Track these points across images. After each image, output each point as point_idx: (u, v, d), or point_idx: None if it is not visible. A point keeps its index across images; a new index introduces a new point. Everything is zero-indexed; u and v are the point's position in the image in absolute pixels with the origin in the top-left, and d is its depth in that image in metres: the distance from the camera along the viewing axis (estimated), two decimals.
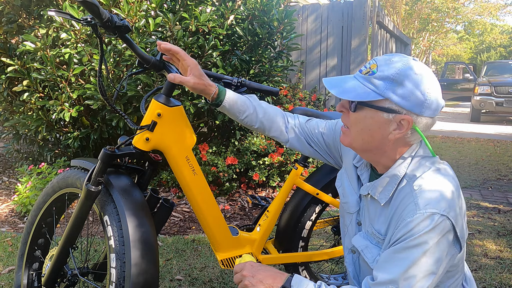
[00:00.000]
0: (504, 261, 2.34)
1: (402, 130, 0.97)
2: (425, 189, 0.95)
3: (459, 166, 5.04)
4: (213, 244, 1.52)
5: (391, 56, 0.98)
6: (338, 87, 1.00)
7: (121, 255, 1.16)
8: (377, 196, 1.04)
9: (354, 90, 0.97)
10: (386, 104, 0.95)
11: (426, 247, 0.90)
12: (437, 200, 0.92)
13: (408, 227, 0.92)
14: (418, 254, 0.91)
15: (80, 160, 1.41)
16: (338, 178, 1.27)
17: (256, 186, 3.61)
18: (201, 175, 1.39)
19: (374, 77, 0.96)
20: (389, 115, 0.95)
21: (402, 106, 0.94)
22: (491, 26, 29.61)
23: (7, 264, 2.22)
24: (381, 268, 0.95)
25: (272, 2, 3.27)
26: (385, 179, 1.03)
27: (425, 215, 0.91)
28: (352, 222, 1.17)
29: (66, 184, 1.43)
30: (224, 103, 1.24)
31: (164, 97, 1.27)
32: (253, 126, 1.31)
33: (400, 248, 0.93)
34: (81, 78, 2.94)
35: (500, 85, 10.18)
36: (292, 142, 1.33)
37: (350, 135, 1.04)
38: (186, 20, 2.95)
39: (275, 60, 3.45)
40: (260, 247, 1.67)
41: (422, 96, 0.94)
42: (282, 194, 1.72)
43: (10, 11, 3.10)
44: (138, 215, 1.22)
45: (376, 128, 0.98)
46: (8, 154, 3.91)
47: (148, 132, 1.25)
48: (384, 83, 0.94)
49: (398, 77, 0.93)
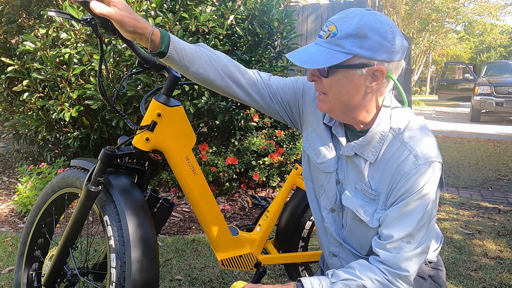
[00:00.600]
0: (504, 261, 2.34)
1: (378, 81, 0.97)
2: (417, 140, 0.99)
3: (459, 166, 5.03)
4: (213, 244, 1.52)
5: (345, 12, 0.97)
6: (304, 57, 0.97)
7: (121, 255, 1.16)
8: (365, 155, 1.04)
9: (322, 56, 0.95)
10: (356, 60, 0.94)
11: (432, 194, 0.97)
12: (431, 148, 0.98)
13: (413, 179, 0.96)
14: (427, 203, 0.97)
15: (80, 160, 1.41)
16: (304, 139, 1.22)
17: (256, 186, 3.61)
18: (201, 175, 1.39)
19: (337, 38, 0.94)
20: (362, 70, 0.95)
21: (372, 58, 0.93)
22: (491, 26, 29.61)
23: (7, 264, 2.22)
24: (393, 225, 0.98)
25: (272, 2, 3.27)
26: (372, 136, 1.03)
27: (428, 165, 0.96)
28: (330, 181, 1.14)
29: (65, 184, 1.43)
30: (171, 50, 1.01)
31: (164, 97, 1.26)
32: (208, 79, 1.10)
33: (410, 202, 0.97)
34: (81, 78, 2.94)
35: (500, 85, 10.18)
36: (254, 98, 1.19)
37: (328, 101, 1.01)
38: (186, 20, 2.95)
39: (275, 60, 3.45)
40: (260, 247, 1.67)
41: (387, 43, 0.93)
42: (282, 194, 1.72)
43: (10, 11, 3.10)
44: (138, 215, 1.21)
45: (353, 86, 0.97)
46: (8, 154, 3.91)
47: (148, 132, 1.25)
48: (349, 41, 0.93)
49: (360, 30, 0.92)
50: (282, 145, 3.58)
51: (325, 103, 1.03)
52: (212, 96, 3.03)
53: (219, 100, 3.04)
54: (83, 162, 1.39)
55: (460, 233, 2.76)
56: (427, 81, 32.91)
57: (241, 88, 1.16)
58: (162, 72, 1.30)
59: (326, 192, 1.16)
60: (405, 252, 0.97)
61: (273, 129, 3.63)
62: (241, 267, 1.57)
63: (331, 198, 1.16)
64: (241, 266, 1.57)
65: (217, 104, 3.03)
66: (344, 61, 0.93)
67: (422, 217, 0.97)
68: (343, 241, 1.17)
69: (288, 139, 3.60)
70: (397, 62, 0.97)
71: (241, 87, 1.16)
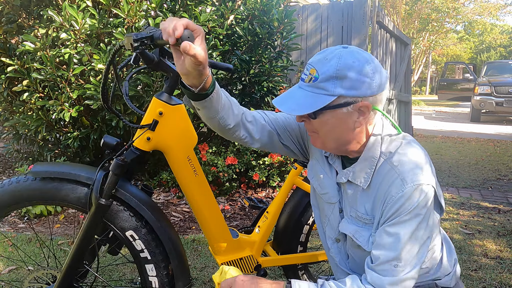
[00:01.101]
0: (504, 261, 2.34)
1: (365, 116, 1.00)
2: (405, 163, 0.99)
3: (459, 166, 5.03)
4: (213, 246, 1.48)
5: (323, 54, 1.00)
6: (289, 103, 1.00)
7: (160, 263, 1.30)
8: (356, 181, 1.06)
9: (307, 101, 0.98)
10: (340, 100, 0.97)
11: (420, 218, 0.96)
12: (420, 172, 0.97)
13: (399, 203, 0.96)
14: (414, 226, 0.96)
15: (53, 168, 1.27)
16: (309, 170, 1.25)
17: (256, 186, 3.61)
18: (202, 175, 1.36)
19: (319, 81, 0.97)
20: (347, 108, 0.98)
21: (355, 96, 0.96)
22: (491, 26, 29.62)
23: (7, 264, 2.22)
24: (380, 247, 0.98)
25: (272, 2, 3.27)
26: (363, 163, 1.05)
27: (414, 188, 0.95)
28: (334, 211, 1.16)
29: (52, 197, 1.28)
30: (213, 94, 1.04)
31: (166, 95, 1.24)
32: (227, 125, 1.13)
33: (396, 224, 0.96)
34: (81, 78, 2.93)
35: (500, 85, 10.19)
36: (262, 140, 1.21)
37: (320, 138, 1.05)
38: None
39: (275, 60, 3.45)
40: (260, 249, 1.64)
41: (368, 79, 0.96)
42: (281, 194, 1.70)
43: (9, 11, 3.10)
44: (161, 220, 1.30)
45: (341, 124, 1.00)
46: (8, 154, 3.91)
47: (149, 131, 1.22)
48: (330, 83, 0.96)
49: (340, 72, 0.95)
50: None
51: (317, 139, 1.06)
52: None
53: None
54: (64, 171, 1.25)
55: (460, 233, 2.76)
56: (427, 81, 32.91)
57: (252, 133, 1.19)
58: (164, 71, 1.24)
59: (331, 222, 1.19)
60: (392, 275, 0.96)
61: None
62: (241, 271, 1.53)
63: (335, 228, 1.17)
64: (241, 269, 1.54)
65: None
66: (329, 103, 0.96)
67: (409, 240, 0.96)
68: (351, 271, 1.18)
69: None
70: (381, 93, 1.00)
71: (252, 133, 1.19)
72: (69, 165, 1.31)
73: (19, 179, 1.28)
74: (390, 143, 1.04)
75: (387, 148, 1.03)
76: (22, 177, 1.29)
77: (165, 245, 1.32)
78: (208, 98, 1.03)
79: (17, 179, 1.28)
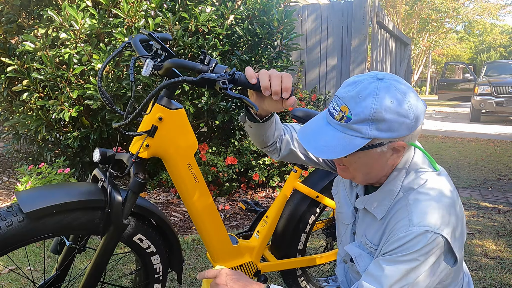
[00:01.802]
0: (504, 261, 2.34)
1: (399, 154, 0.95)
2: (419, 204, 0.92)
3: (459, 166, 5.03)
4: (212, 254, 1.43)
5: (356, 89, 0.90)
6: (319, 142, 0.94)
7: (163, 251, 1.35)
8: (372, 211, 1.02)
9: (339, 143, 0.91)
10: (375, 142, 0.91)
11: (417, 263, 0.89)
12: (431, 217, 0.90)
13: (400, 242, 0.91)
14: (408, 268, 0.90)
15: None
16: (334, 185, 1.25)
17: (256, 186, 3.61)
18: (202, 182, 1.31)
19: (352, 122, 0.90)
20: (381, 148, 0.93)
21: (392, 137, 0.91)
22: (491, 26, 29.61)
23: (7, 264, 2.22)
24: (369, 276, 0.94)
25: (272, 2, 3.27)
26: (381, 195, 1.01)
27: (418, 232, 0.89)
28: (346, 232, 1.16)
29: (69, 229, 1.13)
30: (271, 119, 1.13)
31: (166, 99, 1.17)
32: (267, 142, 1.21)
33: (391, 260, 0.91)
34: (81, 78, 2.93)
35: (500, 85, 10.18)
36: (294, 152, 1.26)
37: (349, 172, 1.01)
38: (185, 20, 2.95)
39: (275, 60, 3.45)
40: (260, 254, 1.59)
41: (407, 119, 0.89)
42: (281, 198, 1.65)
43: (9, 11, 3.10)
44: (156, 209, 1.32)
45: (373, 163, 0.96)
46: (8, 154, 3.91)
47: (148, 138, 1.16)
48: (365, 126, 0.89)
49: (377, 115, 0.88)
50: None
51: (346, 173, 1.02)
52: (212, 96, 3.03)
53: (219, 100, 3.04)
54: (60, 201, 1.07)
55: None
56: (427, 81, 32.91)
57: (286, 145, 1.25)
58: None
59: (343, 242, 1.19)
60: None
61: None
62: None
63: (345, 247, 1.17)
64: None
65: (217, 104, 3.03)
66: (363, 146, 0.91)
67: (400, 280, 0.90)
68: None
69: None
70: (417, 129, 0.93)
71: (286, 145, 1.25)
72: (58, 189, 1.14)
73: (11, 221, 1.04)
74: (414, 179, 0.97)
75: (410, 183, 0.97)
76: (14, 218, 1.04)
77: (167, 233, 1.36)
78: (266, 122, 1.13)
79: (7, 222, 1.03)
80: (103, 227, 1.16)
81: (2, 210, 1.06)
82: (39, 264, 2.23)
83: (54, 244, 1.35)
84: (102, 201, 1.14)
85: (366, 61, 4.70)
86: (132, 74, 1.11)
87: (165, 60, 1.16)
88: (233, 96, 1.03)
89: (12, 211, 1.05)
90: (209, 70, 1.10)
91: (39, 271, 2.15)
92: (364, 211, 1.07)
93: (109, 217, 1.14)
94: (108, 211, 1.13)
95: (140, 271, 1.41)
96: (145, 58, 1.15)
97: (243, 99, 1.04)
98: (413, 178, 0.97)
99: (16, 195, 1.09)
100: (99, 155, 1.15)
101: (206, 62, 1.12)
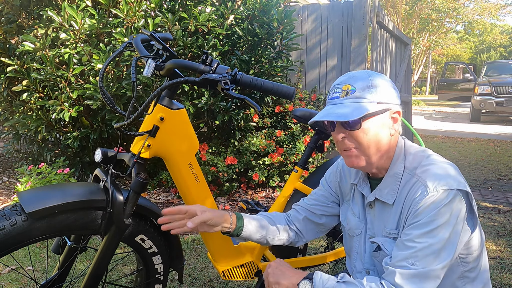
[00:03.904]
0: (504, 261, 2.34)
1: (397, 123, 1.08)
2: (429, 172, 1.02)
3: (459, 166, 5.03)
4: (213, 254, 1.44)
5: (348, 75, 1.08)
6: (333, 114, 1.03)
7: (164, 251, 1.36)
8: (384, 198, 1.09)
9: (351, 110, 1.02)
10: (380, 106, 1.04)
11: (442, 221, 0.97)
12: (444, 179, 0.99)
13: (422, 207, 0.98)
14: (437, 231, 0.96)
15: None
16: (341, 214, 1.29)
17: (256, 186, 3.61)
18: (203, 182, 1.31)
19: (357, 92, 1.04)
20: (384, 114, 1.05)
21: (390, 102, 1.05)
22: (491, 26, 29.60)
23: (7, 264, 2.22)
24: (402, 246, 1.00)
25: (272, 2, 3.27)
26: (388, 180, 1.09)
27: (439, 193, 0.98)
28: (361, 242, 1.19)
29: (78, 227, 1.15)
30: (245, 229, 1.19)
31: (167, 100, 1.18)
32: (278, 241, 1.29)
33: (418, 226, 0.98)
34: (80, 78, 2.94)
35: (500, 85, 10.18)
36: (307, 234, 1.33)
37: (362, 151, 1.06)
38: (185, 20, 2.95)
39: (275, 60, 3.45)
40: (260, 254, 1.60)
41: (394, 90, 1.07)
42: (281, 198, 1.65)
43: (9, 11, 3.10)
44: (156, 208, 1.31)
45: (380, 130, 1.05)
46: (8, 154, 3.91)
47: (149, 138, 1.16)
48: (368, 92, 1.04)
49: (373, 82, 1.05)
50: (282, 145, 3.58)
51: (358, 156, 1.08)
52: (212, 96, 3.03)
53: (219, 100, 3.04)
54: (62, 202, 1.07)
55: None
56: (427, 81, 32.90)
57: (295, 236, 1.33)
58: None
59: (360, 254, 1.20)
60: (405, 271, 0.97)
61: (273, 129, 3.63)
62: (243, 277, 1.51)
63: (363, 257, 1.19)
64: (242, 275, 1.51)
65: (217, 104, 3.03)
66: (372, 110, 1.03)
67: (431, 243, 0.97)
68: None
69: (288, 139, 3.59)
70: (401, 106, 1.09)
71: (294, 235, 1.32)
72: (59, 189, 1.13)
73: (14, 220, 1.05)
74: (413, 159, 1.08)
75: (412, 164, 1.07)
76: (18, 217, 1.05)
77: (168, 233, 1.35)
78: (239, 236, 1.20)
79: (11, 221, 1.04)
80: (104, 227, 1.17)
81: (6, 210, 1.07)
82: (39, 264, 2.23)
83: (56, 244, 1.35)
84: (104, 201, 1.14)
85: (366, 61, 4.70)
86: (134, 74, 1.11)
87: (166, 61, 1.16)
88: (235, 97, 1.04)
89: (16, 211, 1.06)
90: (211, 71, 1.10)
91: (39, 271, 2.14)
92: (376, 203, 1.13)
93: (110, 217, 1.15)
94: (109, 211, 1.14)
95: (141, 271, 1.41)
96: (147, 58, 1.15)
97: (245, 100, 1.05)
98: (412, 158, 1.09)
99: (18, 195, 1.09)
100: (101, 155, 1.15)
101: (208, 63, 1.13)
